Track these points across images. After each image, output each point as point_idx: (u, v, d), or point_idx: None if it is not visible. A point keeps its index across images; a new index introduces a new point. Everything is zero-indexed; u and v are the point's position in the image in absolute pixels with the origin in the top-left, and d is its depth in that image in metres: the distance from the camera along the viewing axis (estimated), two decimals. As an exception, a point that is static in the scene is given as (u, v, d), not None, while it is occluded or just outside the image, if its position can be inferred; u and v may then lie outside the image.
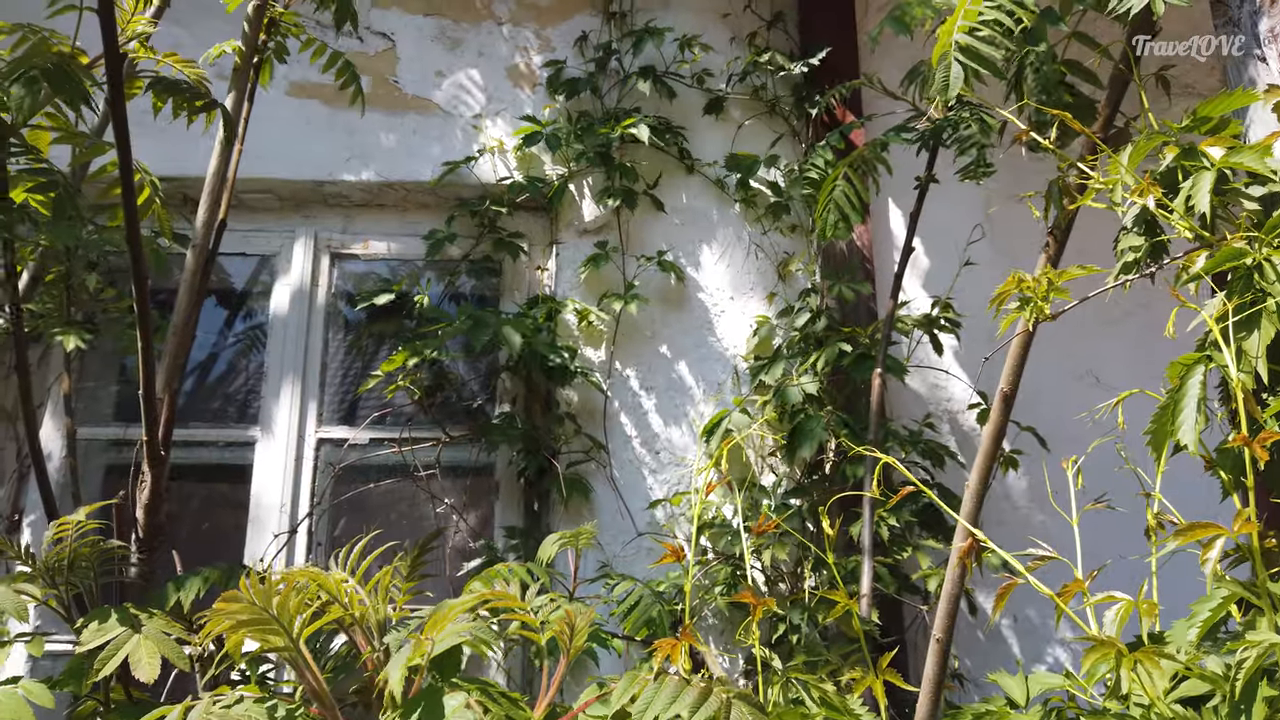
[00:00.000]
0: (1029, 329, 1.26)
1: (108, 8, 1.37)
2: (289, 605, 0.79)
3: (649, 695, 0.80)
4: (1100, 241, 1.99)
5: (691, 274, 2.75)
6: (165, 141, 2.12)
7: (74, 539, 1.06)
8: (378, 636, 0.86)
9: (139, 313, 1.62)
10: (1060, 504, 1.49)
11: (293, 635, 0.79)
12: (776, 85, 2.87)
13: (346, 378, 2.80)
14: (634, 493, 2.56)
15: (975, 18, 1.29)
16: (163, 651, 0.98)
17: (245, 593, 0.77)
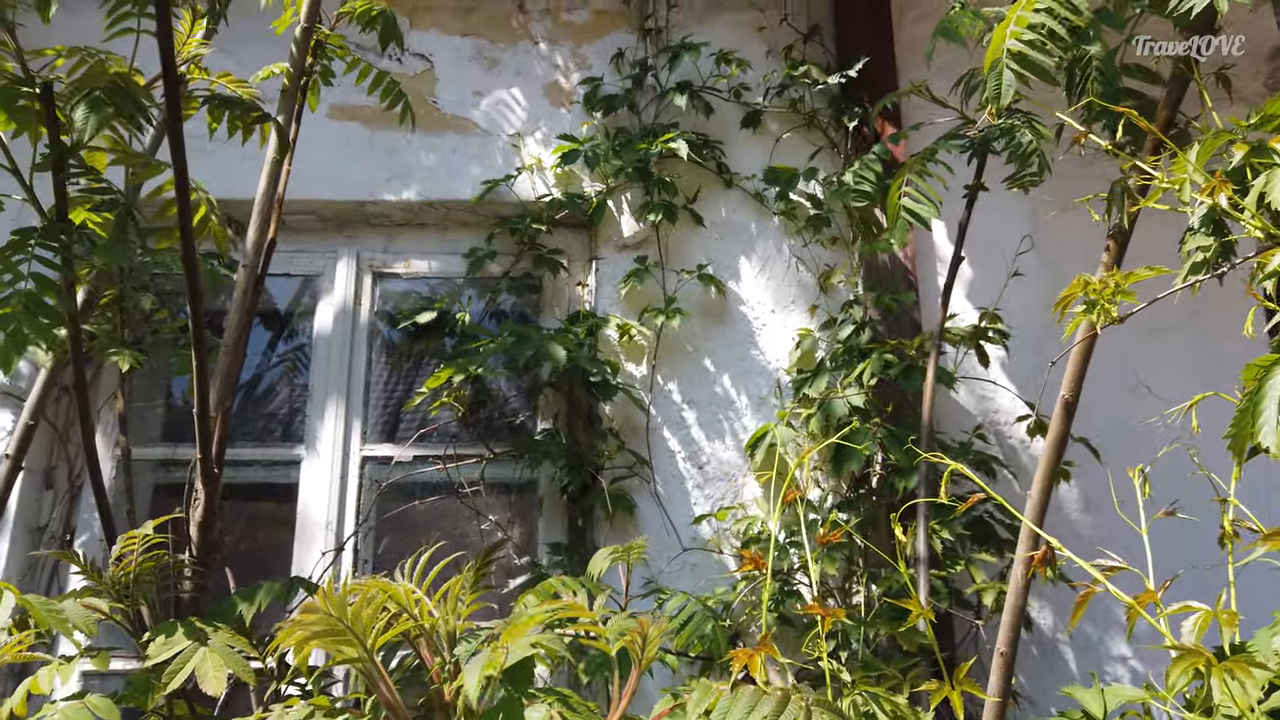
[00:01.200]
0: (1095, 333, 1.23)
1: (166, 30, 1.40)
2: (362, 616, 0.78)
3: (725, 704, 0.79)
4: (1151, 246, 1.96)
5: (732, 287, 2.74)
6: (210, 164, 2.15)
7: (139, 554, 1.06)
8: (448, 648, 0.85)
9: (194, 332, 1.64)
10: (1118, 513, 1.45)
11: (367, 646, 0.78)
12: (814, 98, 2.86)
13: (388, 396, 2.81)
14: (678, 508, 2.54)
15: (1026, 24, 1.27)
16: (229, 665, 0.98)
17: (322, 603, 0.77)
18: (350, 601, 0.76)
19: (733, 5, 3.00)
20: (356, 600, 0.78)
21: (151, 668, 1.06)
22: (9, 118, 1.41)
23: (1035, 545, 1.40)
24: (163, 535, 1.16)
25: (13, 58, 1.41)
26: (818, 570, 2.29)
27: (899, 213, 1.75)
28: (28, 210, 1.64)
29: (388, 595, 0.83)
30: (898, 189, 1.78)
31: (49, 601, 0.92)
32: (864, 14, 2.92)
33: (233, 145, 2.02)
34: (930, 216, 1.73)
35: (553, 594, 1.48)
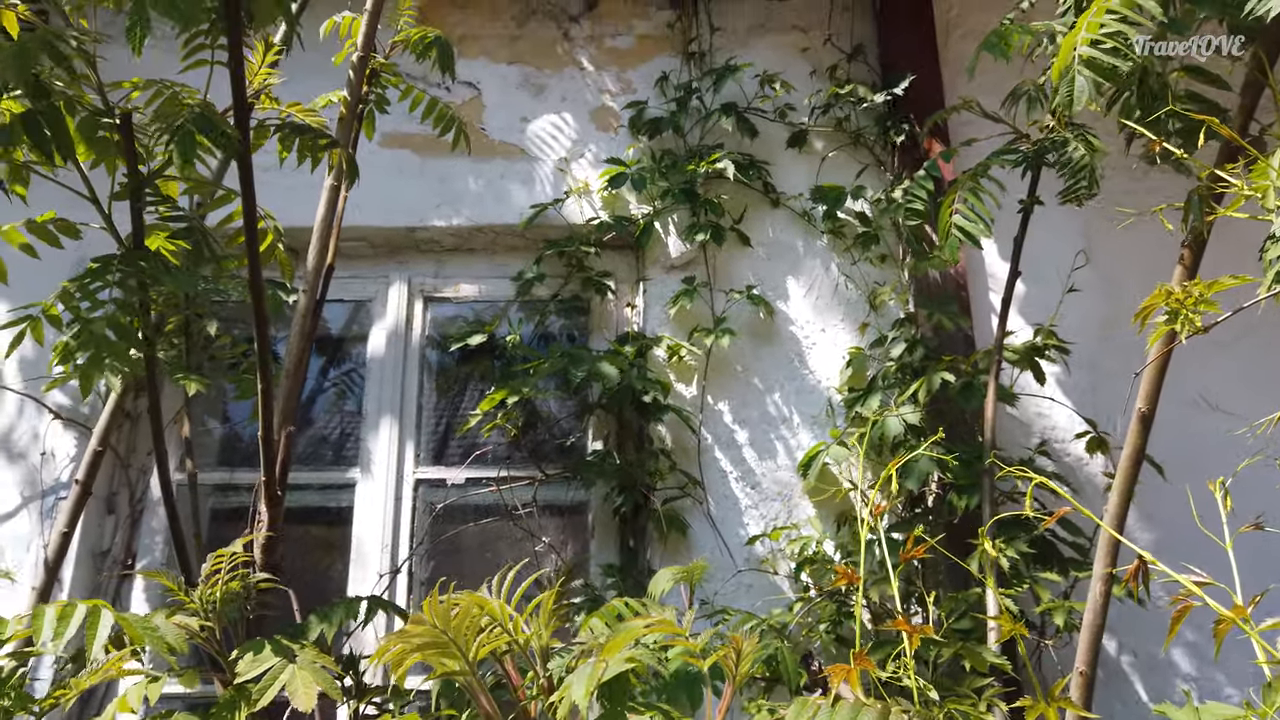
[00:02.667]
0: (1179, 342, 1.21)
1: (238, 61, 1.43)
2: (463, 630, 0.78)
3: (825, 717, 0.78)
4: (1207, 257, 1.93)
5: (780, 307, 2.74)
6: (266, 193, 2.18)
7: (226, 573, 1.08)
8: (541, 663, 0.85)
9: (260, 356, 1.67)
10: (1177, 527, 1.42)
11: (469, 659, 0.78)
12: (859, 116, 2.87)
13: (438, 419, 2.83)
14: (731, 528, 2.53)
15: (1097, 30, 1.27)
16: (318, 682, 0.98)
17: (427, 615, 0.77)
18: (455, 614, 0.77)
19: (775, 27, 3.02)
20: (458, 613, 0.79)
21: (238, 686, 1.06)
22: (89, 148, 1.45)
23: (1114, 561, 1.38)
24: (248, 554, 1.17)
25: (93, 91, 1.45)
26: (876, 591, 2.26)
27: (950, 231, 1.74)
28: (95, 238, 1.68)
29: (482, 610, 0.83)
30: (949, 207, 1.78)
31: (144, 619, 0.93)
32: (908, 33, 2.92)
33: (284, 173, 2.07)
34: (982, 235, 1.72)
35: (616, 615, 1.48)
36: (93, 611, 0.89)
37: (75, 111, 1.42)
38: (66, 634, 0.86)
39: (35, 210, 1.58)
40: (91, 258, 1.42)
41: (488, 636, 0.81)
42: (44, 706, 0.87)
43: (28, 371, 2.61)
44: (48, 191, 1.55)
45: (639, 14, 3.08)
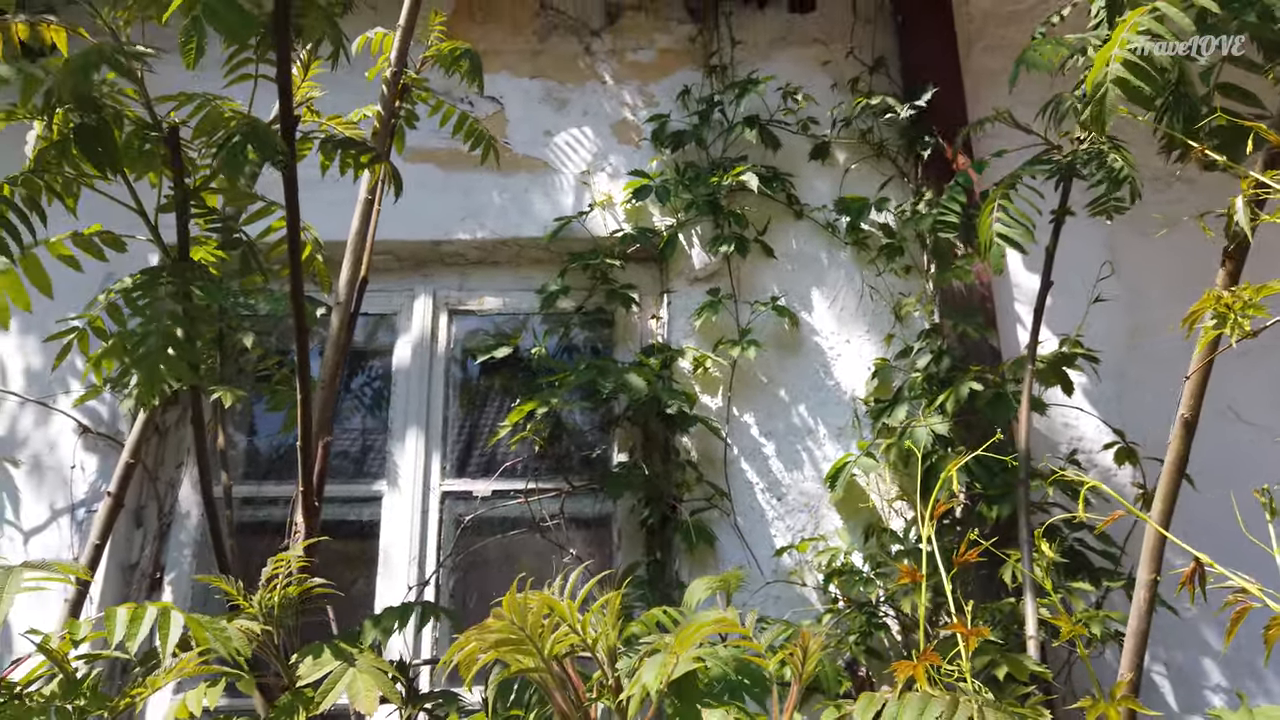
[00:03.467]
0: (1227, 347, 1.21)
1: (285, 75, 1.45)
2: (538, 627, 0.79)
3: (894, 709, 0.78)
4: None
5: (805, 318, 2.74)
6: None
7: (284, 579, 1.08)
8: (609, 663, 0.86)
9: (299, 366, 1.67)
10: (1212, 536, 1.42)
11: (544, 656, 0.79)
12: (882, 128, 2.88)
13: (463, 432, 2.84)
14: (758, 539, 2.52)
15: (1126, 45, 1.28)
16: (379, 686, 0.99)
17: (507, 611, 0.78)
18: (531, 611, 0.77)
19: (797, 40, 3.04)
20: (533, 612, 0.79)
21: (296, 689, 1.07)
22: (136, 161, 1.47)
23: (1157, 568, 1.38)
24: (308, 559, 1.18)
25: (140, 105, 1.47)
26: (907, 602, 2.25)
27: (991, 239, 1.75)
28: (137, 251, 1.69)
29: (550, 610, 0.83)
30: (988, 215, 1.78)
31: (211, 621, 0.93)
32: (929, 46, 2.94)
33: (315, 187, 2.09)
34: (1024, 240, 1.73)
35: (655, 623, 1.48)
36: (163, 613, 0.89)
37: (123, 125, 1.44)
38: (139, 635, 0.87)
39: (60, 225, 1.59)
40: (141, 269, 1.43)
41: (559, 635, 0.81)
42: (120, 706, 0.88)
43: (43, 387, 2.63)
44: (83, 204, 1.56)
45: (660, 28, 3.10)
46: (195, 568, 2.52)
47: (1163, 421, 2.49)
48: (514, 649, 0.78)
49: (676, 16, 3.11)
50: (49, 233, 1.59)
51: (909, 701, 0.77)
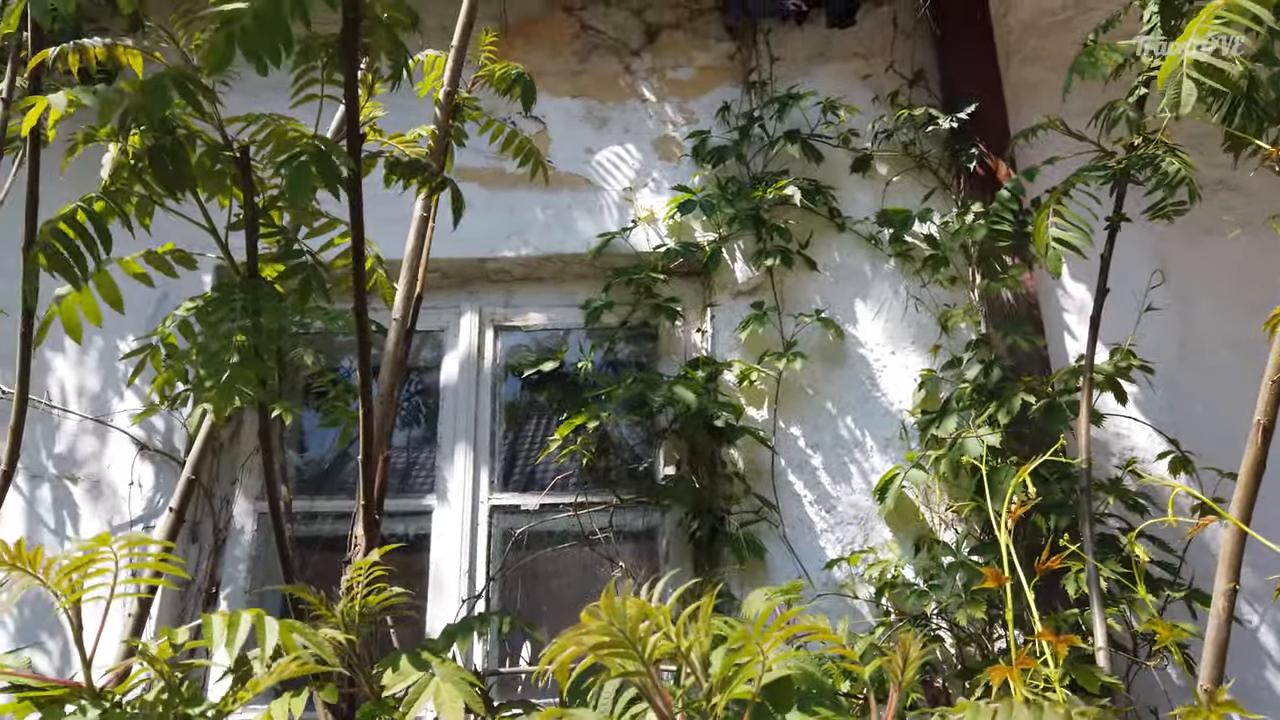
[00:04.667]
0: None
1: (352, 95, 1.48)
2: (638, 630, 0.79)
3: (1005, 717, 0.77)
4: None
5: (849, 330, 2.74)
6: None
7: (363, 587, 1.10)
8: (701, 669, 0.86)
9: (361, 381, 1.70)
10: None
11: (645, 659, 0.79)
12: (924, 141, 2.88)
13: (509, 446, 2.85)
14: (807, 552, 2.51)
15: (1206, 35, 1.28)
16: (463, 695, 0.99)
17: (606, 612, 0.78)
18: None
19: (835, 55, 3.06)
20: (632, 615, 0.80)
21: (379, 699, 1.08)
22: (207, 181, 1.50)
23: (1236, 577, 1.36)
24: (386, 567, 1.19)
25: (212, 126, 1.51)
26: (963, 615, 2.22)
27: (1048, 244, 1.74)
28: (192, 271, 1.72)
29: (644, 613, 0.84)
30: (1044, 221, 1.78)
31: (304, 628, 0.95)
32: (969, 58, 2.94)
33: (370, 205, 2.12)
34: (1082, 244, 1.72)
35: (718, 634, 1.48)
36: (258, 619, 0.91)
37: (195, 146, 1.47)
38: (237, 641, 0.88)
39: (121, 243, 1.62)
40: (213, 287, 1.46)
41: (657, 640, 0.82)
42: (222, 710, 0.89)
43: (98, 406, 2.67)
44: (154, 223, 1.60)
45: (698, 46, 3.13)
46: (250, 582, 2.55)
47: (1215, 432, 2.47)
48: (614, 652, 0.79)
49: (715, 35, 3.14)
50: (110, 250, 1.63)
51: (1019, 713, 0.76)
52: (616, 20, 3.16)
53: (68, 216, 1.33)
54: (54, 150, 2.08)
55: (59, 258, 1.29)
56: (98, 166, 1.59)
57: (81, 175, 1.69)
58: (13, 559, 0.85)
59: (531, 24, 3.17)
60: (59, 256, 1.29)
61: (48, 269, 1.31)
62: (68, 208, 1.34)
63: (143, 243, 1.59)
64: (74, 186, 1.87)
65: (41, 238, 1.28)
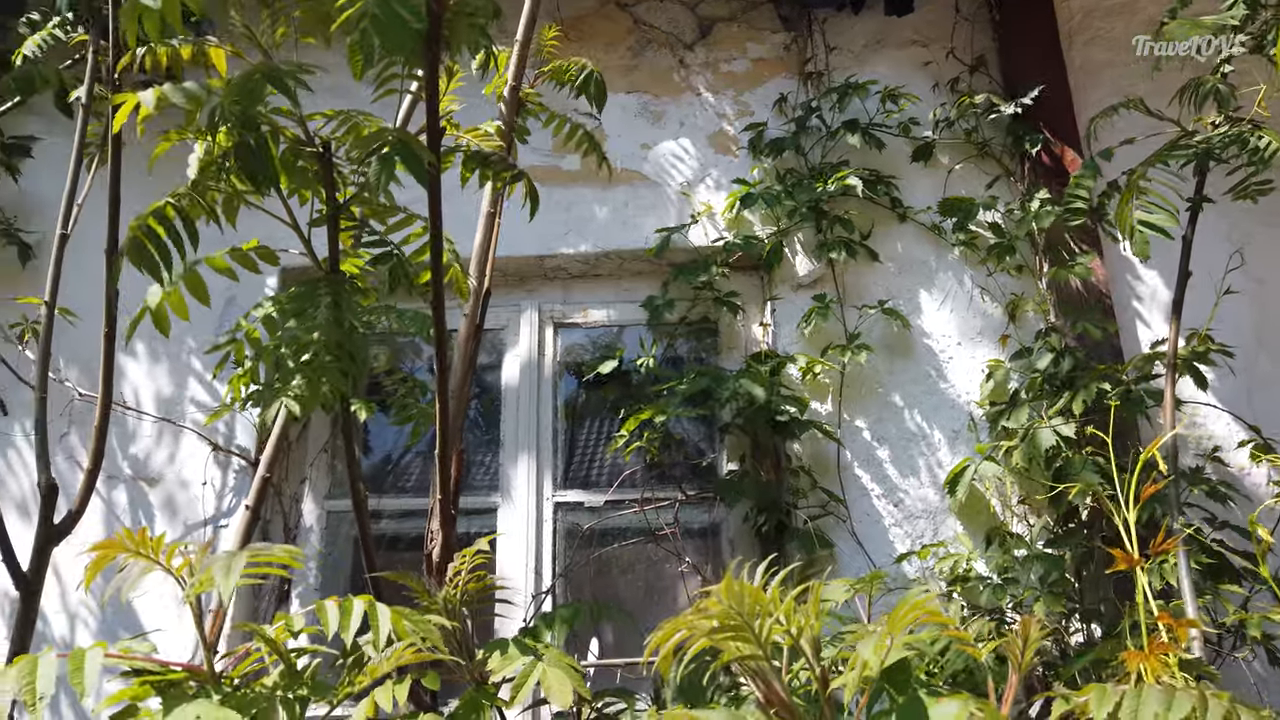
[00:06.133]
0: None
1: (433, 89, 1.49)
2: (754, 613, 0.78)
3: (1132, 702, 0.75)
4: None
5: (914, 321, 2.70)
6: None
7: (465, 575, 1.10)
8: (813, 653, 0.85)
9: (438, 378, 1.71)
10: None
11: (762, 643, 0.78)
12: (986, 128, 2.84)
13: (569, 443, 2.86)
14: (876, 546, 2.48)
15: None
16: (570, 680, 0.99)
17: (725, 595, 0.78)
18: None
19: (893, 43, 3.02)
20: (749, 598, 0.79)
21: (480, 685, 1.08)
22: (290, 177, 1.52)
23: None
24: (485, 556, 1.19)
25: (293, 123, 1.52)
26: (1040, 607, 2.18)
27: (1133, 226, 1.70)
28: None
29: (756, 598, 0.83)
30: (1127, 203, 1.74)
31: (414, 614, 0.95)
32: (1030, 42, 2.89)
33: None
34: (1169, 225, 1.68)
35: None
36: (370, 606, 0.91)
37: (278, 143, 1.49)
38: (352, 626, 0.89)
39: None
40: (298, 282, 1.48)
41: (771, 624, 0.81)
42: (339, 695, 0.90)
43: (169, 409, 2.72)
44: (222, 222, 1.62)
45: (753, 38, 3.11)
46: (320, 581, 2.58)
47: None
48: (732, 635, 0.78)
49: (769, 26, 3.12)
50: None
51: (1149, 695, 0.74)
52: (670, 14, 3.16)
53: (158, 213, 1.35)
54: (126, 154, 2.11)
55: (148, 255, 1.31)
56: (166, 168, 1.63)
57: (144, 179, 1.71)
58: (136, 545, 0.86)
59: (583, 20, 3.17)
60: (148, 254, 1.31)
61: (137, 265, 1.33)
62: (157, 204, 1.36)
63: (213, 242, 1.62)
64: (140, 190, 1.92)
65: (133, 234, 1.30)
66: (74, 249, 1.94)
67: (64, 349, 2.68)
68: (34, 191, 2.92)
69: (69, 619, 2.49)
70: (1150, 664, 0.82)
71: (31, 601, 1.77)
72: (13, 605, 2.51)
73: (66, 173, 2.38)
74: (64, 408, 2.68)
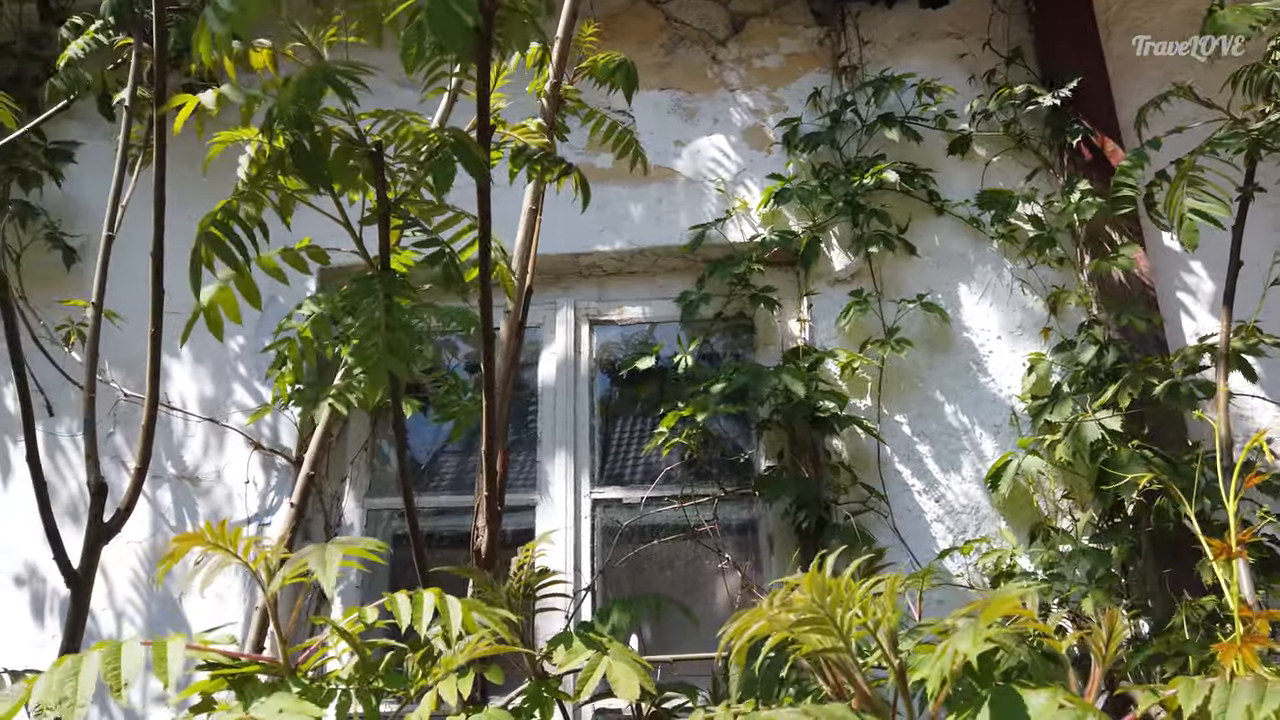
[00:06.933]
0: None
1: (484, 87, 1.50)
2: (836, 605, 0.78)
3: (1223, 695, 0.74)
4: None
5: (953, 315, 2.68)
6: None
7: (528, 569, 1.10)
8: (890, 646, 0.84)
9: (485, 375, 1.71)
10: None
11: (844, 636, 0.78)
12: (1023, 120, 2.81)
13: (607, 439, 2.86)
14: (918, 542, 2.47)
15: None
16: (636, 674, 0.99)
17: (809, 588, 0.77)
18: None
19: (928, 35, 3.00)
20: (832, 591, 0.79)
21: (542, 678, 1.08)
22: (341, 176, 1.53)
23: None
24: (544, 552, 1.20)
25: (344, 122, 1.53)
26: (1089, 603, 2.16)
27: (1183, 215, 1.68)
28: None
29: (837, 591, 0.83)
30: (1177, 192, 1.72)
31: (482, 606, 0.96)
32: (1067, 33, 2.86)
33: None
34: (1221, 215, 1.66)
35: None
36: (440, 598, 0.92)
37: (331, 142, 1.50)
38: (424, 619, 0.89)
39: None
40: (352, 279, 1.49)
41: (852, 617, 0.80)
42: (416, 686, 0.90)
43: (212, 411, 2.75)
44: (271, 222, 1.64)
45: (785, 33, 3.10)
46: (361, 578, 2.60)
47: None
48: (814, 628, 0.77)
49: (802, 21, 3.10)
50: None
51: (1240, 688, 0.73)
52: (701, 11, 3.15)
53: (228, 210, 1.36)
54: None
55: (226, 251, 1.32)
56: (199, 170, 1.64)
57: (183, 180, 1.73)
58: (215, 539, 0.87)
59: (615, 18, 3.17)
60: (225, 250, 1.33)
61: (209, 264, 1.35)
62: (224, 202, 1.38)
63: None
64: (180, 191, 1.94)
65: (206, 232, 1.31)
66: (116, 250, 1.96)
67: (108, 350, 2.71)
68: (77, 196, 2.96)
69: (115, 616, 2.52)
70: (1245, 656, 0.81)
71: (82, 598, 1.79)
72: (61, 602, 2.55)
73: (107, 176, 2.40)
74: (109, 409, 2.71)
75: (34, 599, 2.55)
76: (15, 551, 2.59)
